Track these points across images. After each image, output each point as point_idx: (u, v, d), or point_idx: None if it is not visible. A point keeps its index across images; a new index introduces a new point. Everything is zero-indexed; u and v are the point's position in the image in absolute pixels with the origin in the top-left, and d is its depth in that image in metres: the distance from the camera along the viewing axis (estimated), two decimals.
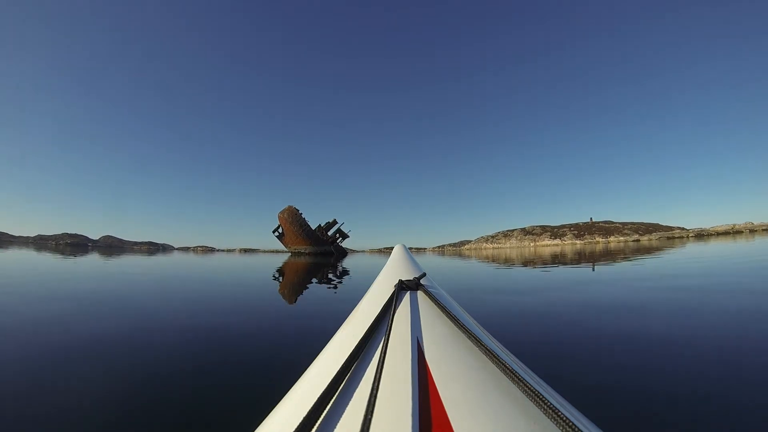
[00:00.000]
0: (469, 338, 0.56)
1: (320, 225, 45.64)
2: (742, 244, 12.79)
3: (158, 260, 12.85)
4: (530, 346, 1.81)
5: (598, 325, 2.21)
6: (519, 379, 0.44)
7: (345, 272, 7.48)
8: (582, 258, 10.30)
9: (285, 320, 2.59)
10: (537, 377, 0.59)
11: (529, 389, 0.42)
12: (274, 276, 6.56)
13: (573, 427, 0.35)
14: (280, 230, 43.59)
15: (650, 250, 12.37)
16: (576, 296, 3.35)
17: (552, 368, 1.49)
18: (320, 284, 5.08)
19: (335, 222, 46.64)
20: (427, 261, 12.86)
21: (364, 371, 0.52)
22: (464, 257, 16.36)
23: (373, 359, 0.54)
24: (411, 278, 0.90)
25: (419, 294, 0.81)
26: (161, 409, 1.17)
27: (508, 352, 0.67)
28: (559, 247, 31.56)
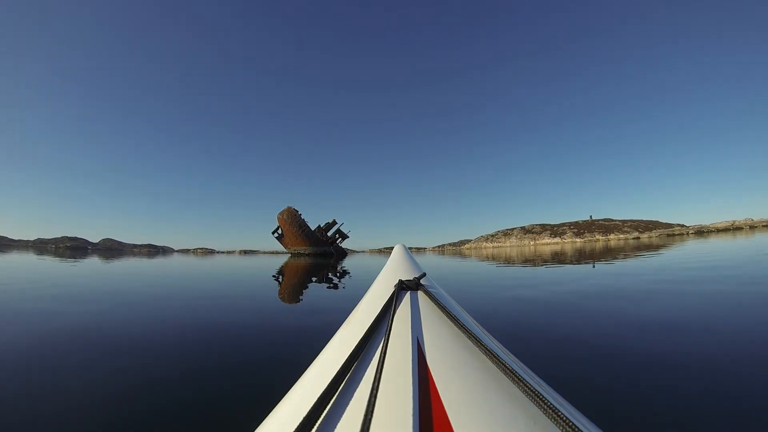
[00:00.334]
0: (469, 338, 0.56)
1: (320, 226, 45.58)
2: (744, 240, 12.79)
3: (158, 262, 12.84)
4: (528, 343, 1.81)
5: (599, 324, 2.22)
6: (519, 379, 0.44)
7: (345, 273, 7.47)
8: (582, 256, 10.31)
9: (285, 320, 2.59)
10: (537, 377, 0.59)
11: (529, 389, 0.42)
12: (274, 277, 6.56)
13: (573, 427, 0.35)
14: (280, 231, 43.52)
15: (650, 248, 12.38)
16: (576, 295, 3.35)
17: (552, 367, 1.49)
18: (320, 285, 5.08)
19: (335, 222, 46.59)
20: (427, 261, 12.86)
21: (364, 371, 0.52)
22: (464, 257, 16.36)
23: (373, 359, 0.54)
24: (411, 278, 0.90)
25: (419, 294, 0.80)
26: (161, 410, 1.17)
27: (508, 352, 0.67)
28: (559, 246, 31.57)
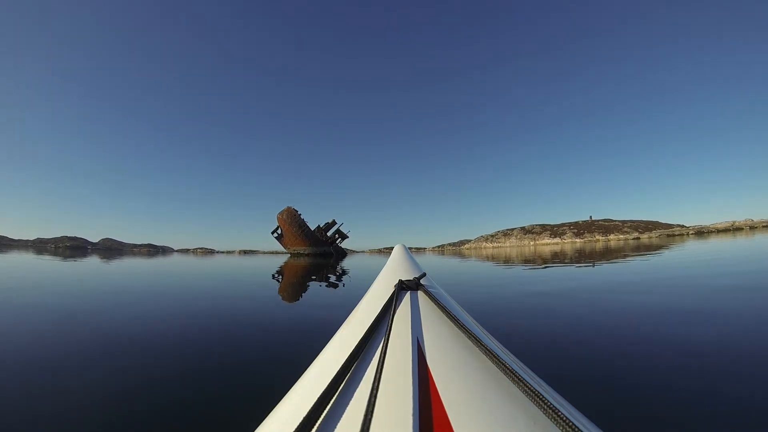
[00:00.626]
0: (469, 338, 0.56)
1: (319, 226, 45.55)
2: (744, 241, 12.80)
3: (158, 262, 12.84)
4: (528, 342, 1.82)
5: (600, 323, 2.22)
6: (519, 379, 0.44)
7: (344, 273, 7.47)
8: (582, 256, 10.31)
9: (284, 320, 2.59)
10: (537, 377, 0.59)
11: (529, 389, 0.42)
12: (274, 277, 6.56)
13: (573, 427, 0.35)
14: (279, 231, 43.48)
15: (651, 248, 12.38)
16: (577, 294, 3.35)
17: (552, 367, 1.49)
18: (320, 285, 5.08)
19: (334, 222, 46.55)
20: (427, 261, 12.86)
21: (364, 371, 0.52)
22: (463, 257, 16.36)
23: (373, 359, 0.54)
24: (411, 278, 0.90)
25: (419, 294, 0.80)
26: (161, 410, 1.17)
27: (508, 352, 0.67)
28: (559, 246, 31.57)
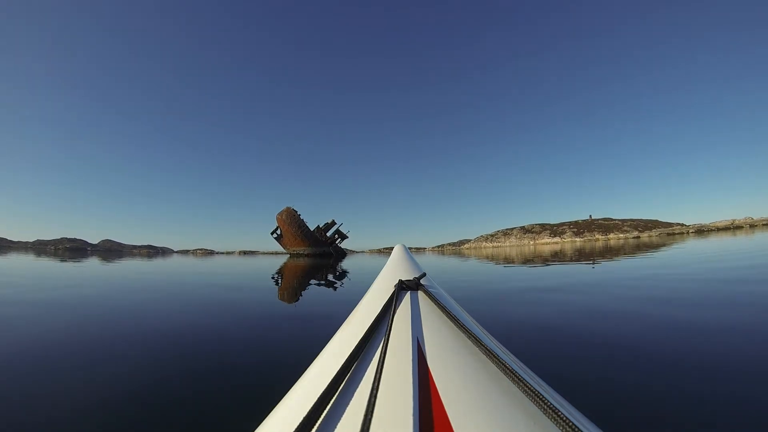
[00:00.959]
0: (469, 338, 0.56)
1: (319, 226, 45.49)
2: (745, 239, 12.81)
3: (157, 263, 12.83)
4: (528, 342, 1.82)
5: (599, 322, 2.22)
6: (519, 379, 0.44)
7: (344, 273, 7.47)
8: (582, 255, 10.32)
9: (285, 321, 2.59)
10: (537, 377, 0.59)
11: (529, 389, 0.42)
12: (273, 277, 6.56)
13: (573, 427, 0.35)
14: (279, 232, 43.45)
15: (651, 247, 12.39)
16: (577, 294, 3.35)
17: (551, 367, 1.49)
18: (319, 285, 5.08)
19: (334, 223, 46.50)
20: (426, 261, 12.86)
21: (364, 371, 0.52)
22: (463, 257, 16.37)
23: (373, 359, 0.54)
24: (411, 278, 0.90)
25: (419, 294, 0.80)
26: (161, 410, 1.17)
27: (508, 352, 0.67)
28: (559, 245, 31.60)
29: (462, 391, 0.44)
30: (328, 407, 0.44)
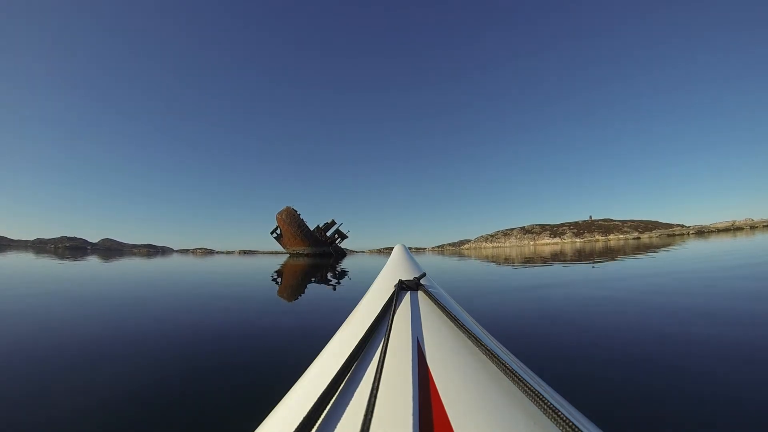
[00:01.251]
0: (469, 338, 0.56)
1: (319, 226, 45.47)
2: (746, 240, 12.81)
3: (157, 263, 12.83)
4: (528, 342, 1.82)
5: (599, 320, 2.22)
6: (519, 379, 0.44)
7: (344, 273, 7.47)
8: (582, 256, 10.32)
9: (284, 321, 2.59)
10: (537, 377, 0.59)
11: (529, 389, 0.42)
12: (273, 277, 6.56)
13: (573, 427, 0.35)
14: (279, 231, 43.43)
15: (651, 248, 12.39)
16: (577, 293, 3.35)
17: (551, 367, 1.49)
18: (319, 285, 5.08)
19: (334, 222, 46.48)
20: (427, 261, 12.86)
21: (364, 371, 0.52)
22: (463, 257, 16.36)
23: (373, 359, 0.54)
24: (411, 278, 0.90)
25: (419, 294, 0.80)
26: (161, 410, 1.17)
27: (508, 352, 0.67)
28: (559, 246, 31.59)
29: (462, 391, 0.44)
30: (328, 407, 0.44)
